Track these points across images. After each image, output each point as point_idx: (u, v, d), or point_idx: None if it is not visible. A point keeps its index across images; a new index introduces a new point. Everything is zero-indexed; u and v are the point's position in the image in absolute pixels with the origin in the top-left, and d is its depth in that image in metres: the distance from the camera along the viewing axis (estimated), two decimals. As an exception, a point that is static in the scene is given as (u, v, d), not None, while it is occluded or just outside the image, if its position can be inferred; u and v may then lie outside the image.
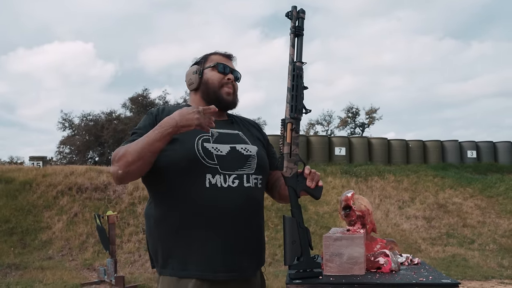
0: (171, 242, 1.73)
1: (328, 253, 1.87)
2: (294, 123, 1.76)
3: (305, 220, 7.84)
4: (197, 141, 1.75)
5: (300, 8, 1.81)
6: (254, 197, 1.81)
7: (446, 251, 9.20)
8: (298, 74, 1.77)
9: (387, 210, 11.05)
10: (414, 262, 2.08)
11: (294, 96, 1.76)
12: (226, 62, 1.94)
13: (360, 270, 1.83)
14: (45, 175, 11.13)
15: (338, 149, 14.49)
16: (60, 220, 9.67)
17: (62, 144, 30.66)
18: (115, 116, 29.90)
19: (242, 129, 1.95)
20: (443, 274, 1.81)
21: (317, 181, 1.80)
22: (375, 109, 34.48)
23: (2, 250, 8.63)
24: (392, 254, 2.00)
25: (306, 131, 35.36)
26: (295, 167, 1.78)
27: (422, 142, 15.57)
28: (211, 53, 1.97)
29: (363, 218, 2.25)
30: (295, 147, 1.77)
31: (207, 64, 1.92)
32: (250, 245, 1.81)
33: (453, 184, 12.56)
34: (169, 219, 1.73)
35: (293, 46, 1.79)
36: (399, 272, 1.87)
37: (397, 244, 2.35)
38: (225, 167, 1.74)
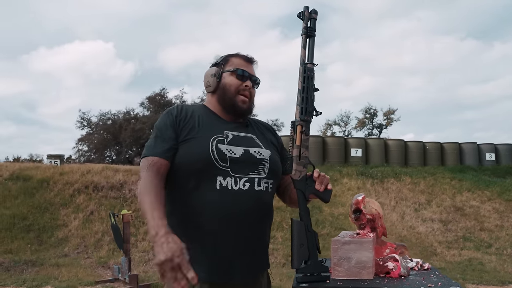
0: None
1: (337, 257, 1.86)
2: (304, 125, 1.75)
3: (320, 221, 7.81)
4: (211, 142, 1.75)
5: (312, 9, 1.79)
6: (264, 201, 1.80)
7: (462, 255, 9.08)
8: (309, 76, 1.76)
9: (403, 212, 10.94)
10: (424, 267, 2.05)
11: (305, 98, 1.74)
12: (246, 67, 1.90)
13: (369, 275, 1.82)
14: (62, 173, 11.27)
15: (354, 150, 14.40)
16: (76, 218, 9.78)
17: (80, 142, 31.06)
18: (132, 115, 30.17)
19: (256, 132, 1.93)
20: (452, 280, 1.78)
21: (326, 184, 1.78)
22: (393, 110, 34.23)
23: (19, 246, 8.75)
24: (402, 259, 1.98)
25: (323, 132, 35.24)
26: (304, 170, 1.77)
27: (440, 144, 15.39)
28: (232, 55, 1.93)
29: (373, 221, 2.22)
30: (305, 149, 1.76)
31: (227, 67, 1.88)
32: (256, 248, 1.81)
33: (470, 187, 12.39)
34: (177, 217, 1.73)
35: (304, 47, 1.77)
36: (408, 278, 1.85)
37: (407, 249, 2.32)
38: (237, 169, 1.74)
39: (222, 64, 1.90)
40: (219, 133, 1.79)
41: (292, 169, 1.75)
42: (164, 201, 1.64)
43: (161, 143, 1.74)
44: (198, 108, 1.90)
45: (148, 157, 1.72)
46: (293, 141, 1.76)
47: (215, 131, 1.79)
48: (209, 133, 1.77)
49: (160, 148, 1.73)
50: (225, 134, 1.80)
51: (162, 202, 1.61)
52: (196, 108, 1.90)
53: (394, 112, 34.26)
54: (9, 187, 10.69)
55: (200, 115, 1.85)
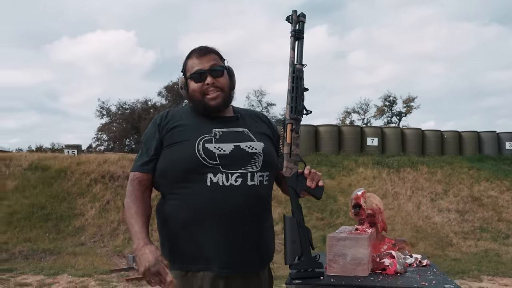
0: (177, 239, 1.79)
1: (332, 253, 1.86)
2: (294, 123, 1.79)
3: (335, 211, 7.79)
4: (198, 142, 1.76)
5: (300, 12, 1.84)
6: (258, 195, 1.80)
7: (479, 246, 8.97)
8: (298, 76, 1.80)
9: (418, 202, 10.84)
10: (423, 264, 2.03)
11: (294, 98, 1.79)
12: (200, 63, 1.85)
13: (363, 272, 1.81)
14: (79, 163, 11.43)
15: (371, 139, 14.26)
16: (93, 207, 9.93)
17: (100, 131, 31.51)
18: (150, 105, 30.43)
19: (248, 125, 1.92)
20: (448, 278, 1.76)
21: (318, 181, 1.79)
22: (413, 98, 33.84)
23: (37, 235, 8.94)
24: (399, 255, 1.96)
25: (341, 120, 35.04)
26: (295, 167, 1.78)
27: (458, 132, 15.14)
28: (187, 57, 1.90)
29: (373, 217, 2.21)
30: (295, 147, 1.79)
31: (187, 74, 1.88)
32: (253, 242, 1.80)
33: (489, 177, 12.19)
34: (174, 217, 1.78)
35: (293, 49, 1.82)
36: (404, 275, 1.83)
37: (408, 244, 2.30)
38: (228, 165, 1.74)
39: (184, 71, 1.91)
40: (206, 132, 1.80)
41: (283, 166, 1.76)
42: (145, 210, 1.79)
43: (142, 157, 1.86)
44: (186, 110, 1.92)
45: (131, 173, 1.87)
46: (283, 139, 1.79)
47: (202, 131, 1.80)
48: (196, 134, 1.79)
49: (141, 162, 1.85)
50: (214, 132, 1.81)
51: (143, 213, 1.77)
52: (185, 110, 1.93)
53: (413, 100, 33.90)
54: (28, 177, 10.90)
55: (188, 117, 1.87)
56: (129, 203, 1.79)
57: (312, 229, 7.77)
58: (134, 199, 1.79)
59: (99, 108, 31.21)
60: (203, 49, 1.88)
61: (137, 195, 1.80)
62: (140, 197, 1.80)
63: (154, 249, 1.64)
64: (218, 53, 1.90)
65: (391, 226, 9.55)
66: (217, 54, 1.89)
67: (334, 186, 11.28)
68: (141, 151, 1.88)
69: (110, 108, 31.33)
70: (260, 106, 33.61)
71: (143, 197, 1.81)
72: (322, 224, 9.50)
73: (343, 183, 11.49)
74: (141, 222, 1.74)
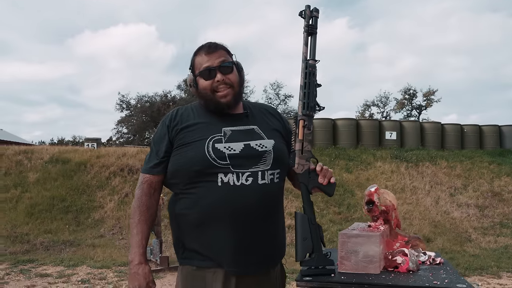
0: (189, 236, 1.80)
1: (344, 250, 1.85)
2: (306, 120, 1.78)
3: (352, 205, 7.72)
4: (207, 143, 1.76)
5: (314, 7, 1.82)
6: (269, 194, 1.79)
7: (498, 242, 8.84)
8: (310, 72, 1.79)
9: (437, 197, 10.72)
10: (436, 262, 2.01)
11: (307, 94, 1.78)
12: (209, 60, 1.82)
13: (375, 269, 1.80)
14: (99, 156, 11.59)
15: (389, 133, 14.13)
16: (112, 200, 10.06)
17: (120, 123, 31.84)
18: (170, 98, 30.61)
19: (258, 121, 1.90)
20: (461, 277, 1.74)
21: (329, 177, 1.78)
22: (433, 91, 33.38)
23: (58, 227, 9.10)
24: (412, 252, 1.94)
25: (361, 113, 34.79)
26: (307, 164, 1.78)
27: (478, 126, 14.91)
28: (195, 54, 1.88)
29: (386, 213, 2.19)
30: (307, 143, 1.78)
31: (196, 71, 1.86)
32: (264, 241, 1.81)
33: (510, 171, 11.98)
34: (186, 216, 1.79)
35: (306, 45, 1.80)
36: (416, 273, 1.82)
37: (422, 241, 2.28)
38: (238, 165, 1.74)
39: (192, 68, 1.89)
40: (216, 132, 1.79)
41: (295, 163, 1.76)
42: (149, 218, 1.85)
43: (153, 159, 1.86)
44: (195, 108, 1.91)
45: (141, 174, 1.89)
46: (295, 136, 1.78)
47: (212, 130, 1.79)
48: (206, 134, 1.78)
49: (151, 164, 1.86)
50: (223, 131, 1.80)
51: (147, 221, 1.84)
52: (194, 108, 1.91)
53: (434, 93, 33.44)
54: (49, 170, 11.10)
55: (198, 115, 1.86)
56: (135, 208, 1.84)
57: (329, 223, 7.80)
58: (141, 205, 1.83)
59: (119, 101, 31.54)
60: (211, 45, 1.85)
61: (144, 200, 1.84)
62: (146, 203, 1.84)
63: (147, 271, 1.77)
64: (226, 48, 1.88)
65: (409, 221, 9.47)
66: (225, 50, 1.87)
67: (351, 180, 11.22)
68: (151, 152, 1.88)
69: (130, 101, 31.64)
70: (278, 99, 33.53)
71: (150, 203, 1.84)
72: (339, 218, 9.47)
73: (361, 177, 11.42)
74: (142, 234, 1.81)
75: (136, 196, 1.85)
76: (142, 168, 1.89)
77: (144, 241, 1.81)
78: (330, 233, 8.41)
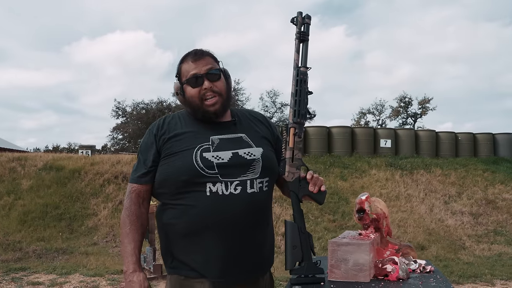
0: (176, 246, 1.78)
1: (334, 258, 1.84)
2: (297, 127, 1.76)
3: (346, 213, 7.72)
4: (195, 152, 1.74)
5: (305, 14, 1.80)
6: (258, 202, 1.78)
7: (492, 250, 8.84)
8: (302, 79, 1.77)
9: (431, 204, 10.73)
10: (427, 270, 2.01)
11: (298, 101, 1.76)
12: (196, 68, 1.79)
13: (365, 278, 1.79)
14: (93, 164, 11.56)
15: (384, 141, 14.17)
16: (105, 207, 10.02)
17: (115, 130, 31.83)
18: (165, 105, 30.64)
19: (246, 129, 1.88)
20: (451, 286, 1.74)
21: (320, 185, 1.77)
22: (428, 99, 33.54)
23: (51, 235, 9.05)
24: (402, 261, 1.94)
25: (356, 121, 34.87)
26: (297, 172, 1.76)
27: (473, 134, 14.99)
28: (181, 61, 1.86)
29: (377, 222, 2.19)
30: (298, 151, 1.76)
31: (183, 79, 1.83)
32: (253, 250, 1.80)
33: (504, 179, 12.03)
34: (173, 225, 1.76)
35: (298, 52, 1.79)
36: (406, 281, 1.82)
37: (413, 249, 2.28)
38: (226, 174, 1.73)
39: (178, 76, 1.86)
40: (204, 141, 1.77)
41: (285, 171, 1.75)
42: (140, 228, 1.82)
43: (140, 168, 1.83)
44: (182, 117, 1.88)
45: (129, 184, 1.85)
46: (286, 143, 1.76)
47: (200, 139, 1.77)
48: (194, 143, 1.75)
49: (139, 174, 1.82)
50: (211, 140, 1.78)
51: (137, 231, 1.81)
52: (180, 116, 1.89)
53: (429, 101, 33.59)
54: (42, 177, 11.05)
55: (185, 124, 1.84)
56: (124, 218, 1.81)
57: (323, 231, 7.80)
58: (130, 214, 1.80)
59: (115, 108, 31.54)
60: (198, 52, 1.83)
61: (133, 210, 1.81)
62: (136, 212, 1.81)
63: (142, 278, 1.74)
64: (212, 55, 1.85)
65: (404, 229, 9.47)
66: (211, 57, 1.84)
67: (346, 188, 11.23)
68: (138, 161, 1.84)
69: (125, 108, 31.65)
70: (274, 107, 33.58)
71: (139, 212, 1.81)
72: (333, 226, 9.46)
73: (356, 185, 11.42)
74: (134, 243, 1.78)
75: (125, 206, 1.83)
76: (130, 177, 1.85)
77: (136, 250, 1.78)
78: (325, 241, 8.39)
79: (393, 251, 2.08)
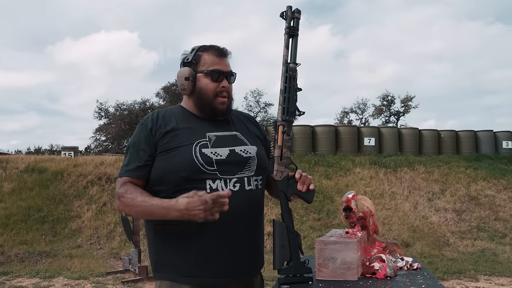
0: (170, 249, 1.74)
1: (321, 257, 1.84)
2: (286, 125, 1.74)
3: (332, 211, 7.74)
4: (194, 148, 1.71)
5: (295, 8, 1.77)
6: (256, 199, 1.79)
7: (476, 245, 8.96)
8: (291, 76, 1.74)
9: (415, 202, 10.83)
10: (414, 267, 2.02)
11: (287, 98, 1.73)
12: (220, 64, 1.78)
13: (353, 276, 1.79)
14: (76, 165, 11.40)
15: (367, 139, 14.24)
16: (89, 209, 9.90)
17: (98, 131, 31.54)
18: (148, 106, 30.47)
19: (239, 128, 1.88)
20: (438, 282, 1.74)
21: (309, 184, 1.76)
22: (411, 97, 33.82)
23: (34, 238, 8.91)
24: (389, 258, 1.95)
25: (339, 120, 35.03)
26: (286, 170, 1.75)
27: (455, 132, 15.14)
28: (204, 49, 1.81)
29: (364, 220, 2.20)
30: (286, 150, 1.74)
31: (200, 68, 1.78)
32: (252, 248, 1.80)
33: (486, 176, 12.20)
34: (170, 225, 1.70)
35: (287, 47, 1.75)
36: (394, 279, 1.82)
37: (400, 247, 2.29)
38: (225, 171, 1.72)
39: (194, 63, 1.80)
40: (201, 137, 1.75)
41: (274, 170, 1.73)
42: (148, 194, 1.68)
43: (133, 161, 1.73)
44: (176, 112, 1.85)
45: (120, 178, 1.73)
46: (274, 141, 1.74)
47: (197, 135, 1.75)
48: (191, 138, 1.73)
49: (133, 167, 1.73)
50: (208, 136, 1.76)
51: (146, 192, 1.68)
52: (174, 112, 1.85)
53: (411, 99, 33.88)
54: (24, 179, 10.87)
55: (179, 120, 1.80)
56: (127, 199, 1.66)
57: (309, 230, 7.80)
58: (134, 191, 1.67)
59: (97, 109, 31.24)
60: (225, 50, 1.83)
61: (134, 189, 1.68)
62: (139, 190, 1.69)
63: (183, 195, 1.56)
64: None
65: (388, 226, 9.54)
66: None
67: (331, 187, 11.27)
68: (130, 155, 1.75)
69: (108, 109, 31.37)
70: (258, 107, 33.59)
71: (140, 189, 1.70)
72: (319, 225, 9.49)
73: (340, 184, 11.47)
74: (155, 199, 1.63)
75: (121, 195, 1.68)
76: (120, 172, 1.74)
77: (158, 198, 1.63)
78: (310, 240, 8.41)
79: (380, 249, 2.09)
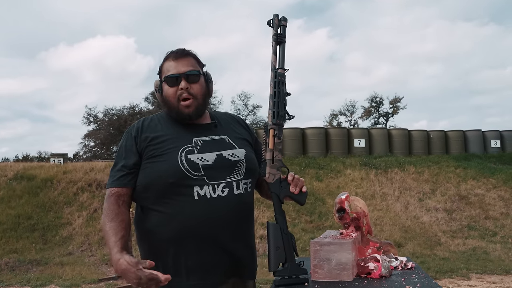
0: (160, 253, 1.72)
1: (316, 258, 1.84)
2: (276, 129, 1.76)
3: (323, 213, 7.77)
4: (180, 154, 1.71)
5: (282, 16, 1.81)
6: (245, 204, 1.79)
7: (467, 244, 9.03)
8: (280, 81, 1.77)
9: (406, 202, 10.89)
10: (408, 267, 2.02)
11: (276, 103, 1.76)
12: (175, 67, 1.77)
13: (348, 276, 1.79)
14: (66, 172, 11.32)
15: (358, 141, 14.32)
16: (80, 216, 9.83)
17: (87, 137, 31.37)
18: (137, 110, 30.38)
19: (227, 131, 1.87)
20: (433, 281, 1.75)
21: (301, 186, 1.77)
22: (399, 98, 34.04)
23: (24, 246, 8.82)
24: (384, 258, 1.95)
25: (329, 122, 35.16)
26: (278, 173, 1.76)
27: (444, 132, 15.28)
28: (164, 59, 1.83)
29: (358, 220, 2.20)
30: (278, 153, 1.76)
31: (162, 77, 1.80)
32: (243, 252, 1.80)
33: (475, 175, 12.30)
34: (159, 232, 1.70)
35: (275, 54, 1.79)
36: (389, 278, 1.82)
37: (394, 247, 2.29)
38: (213, 176, 1.71)
39: (159, 74, 1.83)
40: (187, 143, 1.74)
41: (266, 173, 1.74)
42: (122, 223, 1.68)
43: (119, 171, 1.75)
44: (161, 119, 1.85)
45: (108, 189, 1.76)
46: (266, 145, 1.75)
47: (182, 141, 1.74)
48: (177, 145, 1.73)
49: (118, 176, 1.75)
50: (194, 142, 1.76)
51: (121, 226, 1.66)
52: (160, 118, 1.85)
53: (400, 100, 34.10)
54: (13, 187, 10.77)
55: (165, 126, 1.80)
56: (104, 220, 1.69)
57: (301, 232, 7.81)
58: (109, 214, 1.69)
59: (86, 115, 31.07)
60: (180, 51, 1.81)
61: (112, 209, 1.70)
62: (115, 211, 1.69)
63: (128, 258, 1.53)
64: (196, 57, 1.83)
65: (380, 227, 9.58)
66: (195, 59, 1.82)
67: (322, 189, 11.30)
68: (116, 165, 1.78)
69: (97, 115, 31.21)
70: (247, 110, 33.61)
71: (119, 210, 1.70)
72: (311, 227, 9.50)
73: (331, 185, 11.51)
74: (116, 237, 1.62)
75: (104, 209, 1.72)
76: (108, 182, 1.77)
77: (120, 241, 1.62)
78: (303, 242, 8.42)
79: (375, 249, 2.09)
